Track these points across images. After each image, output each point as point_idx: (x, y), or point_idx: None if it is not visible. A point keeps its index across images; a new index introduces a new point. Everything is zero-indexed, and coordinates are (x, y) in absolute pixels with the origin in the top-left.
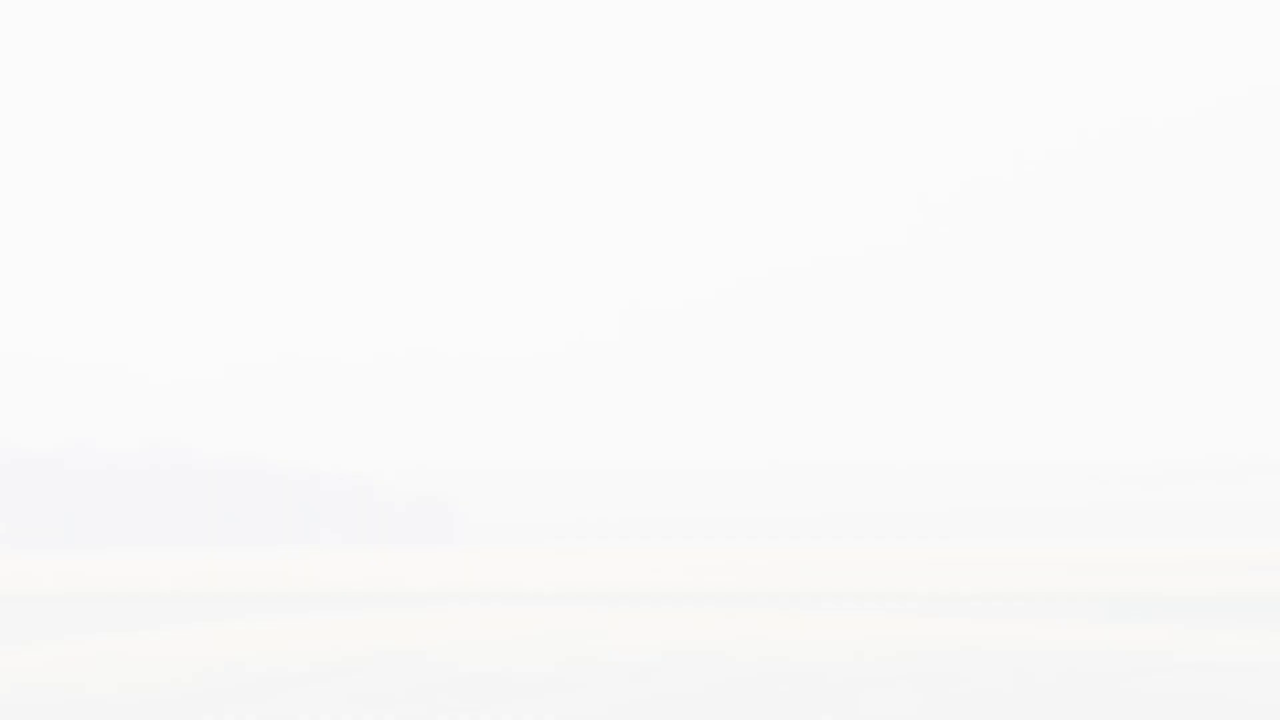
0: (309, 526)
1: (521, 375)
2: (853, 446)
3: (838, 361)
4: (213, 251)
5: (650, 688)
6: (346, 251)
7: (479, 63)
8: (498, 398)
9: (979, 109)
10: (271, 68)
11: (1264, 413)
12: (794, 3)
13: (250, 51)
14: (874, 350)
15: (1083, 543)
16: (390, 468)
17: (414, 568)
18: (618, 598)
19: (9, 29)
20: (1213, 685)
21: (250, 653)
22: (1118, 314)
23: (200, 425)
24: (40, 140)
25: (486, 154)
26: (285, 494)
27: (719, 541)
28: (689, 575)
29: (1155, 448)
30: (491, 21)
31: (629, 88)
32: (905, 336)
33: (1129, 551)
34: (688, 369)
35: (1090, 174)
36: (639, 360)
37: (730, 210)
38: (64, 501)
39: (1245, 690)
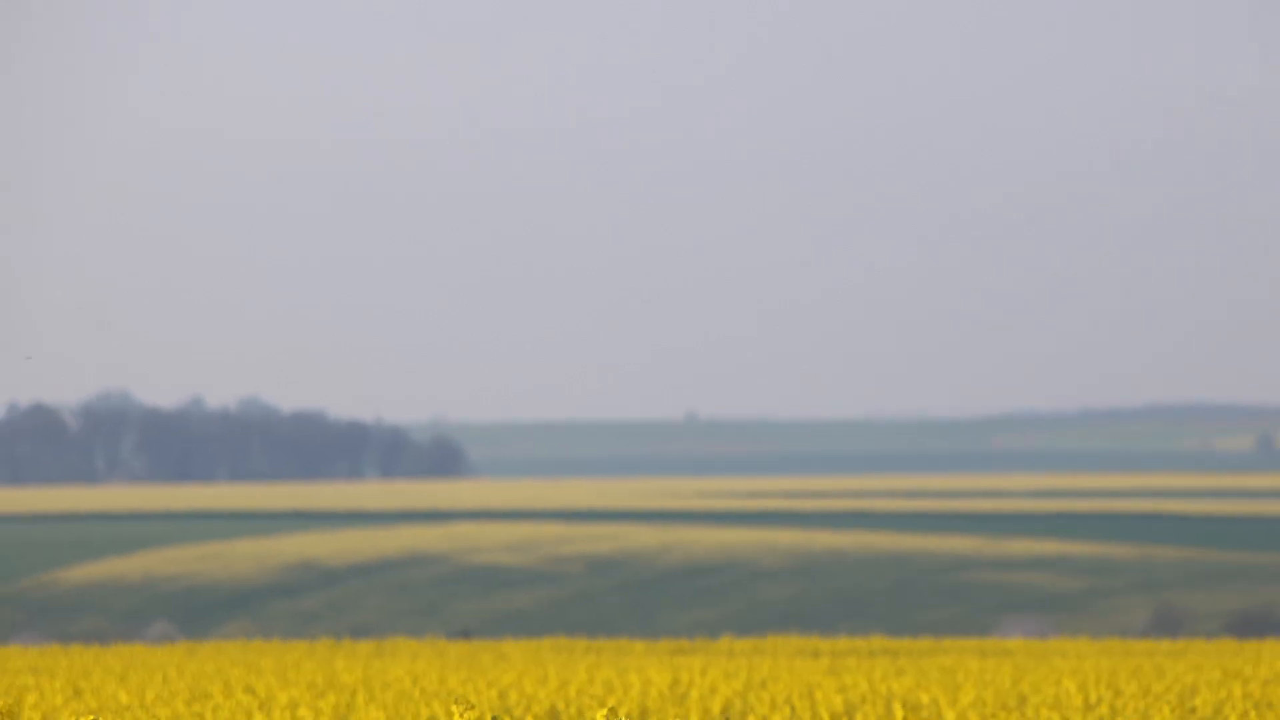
0: (359, 464)
1: (514, 360)
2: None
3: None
4: (294, 259)
5: (604, 578)
6: (388, 262)
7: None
8: (497, 374)
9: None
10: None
11: (1048, 382)
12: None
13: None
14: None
15: (910, 478)
16: (418, 422)
17: (435, 494)
18: (583, 516)
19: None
20: (1012, 576)
21: (317, 554)
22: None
23: (281, 389)
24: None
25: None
26: (342, 441)
27: (652, 477)
28: (631, 499)
29: (971, 408)
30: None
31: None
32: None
33: (943, 483)
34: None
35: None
36: (596, 349)
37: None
38: (183, 445)
39: (1034, 579)
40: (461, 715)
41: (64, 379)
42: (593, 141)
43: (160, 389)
